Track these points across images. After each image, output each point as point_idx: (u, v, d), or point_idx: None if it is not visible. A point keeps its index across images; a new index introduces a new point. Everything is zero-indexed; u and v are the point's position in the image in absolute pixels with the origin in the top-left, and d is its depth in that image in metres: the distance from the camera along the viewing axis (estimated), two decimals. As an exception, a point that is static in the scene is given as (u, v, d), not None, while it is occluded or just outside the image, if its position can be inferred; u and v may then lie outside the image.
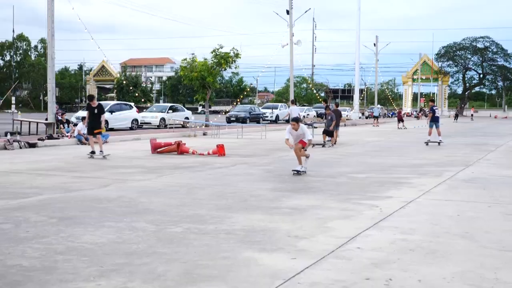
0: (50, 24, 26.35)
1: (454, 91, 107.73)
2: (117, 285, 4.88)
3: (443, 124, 28.34)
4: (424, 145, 22.61)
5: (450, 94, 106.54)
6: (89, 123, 16.78)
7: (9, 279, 5.00)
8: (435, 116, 23.70)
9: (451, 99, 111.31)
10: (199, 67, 36.65)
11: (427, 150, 20.63)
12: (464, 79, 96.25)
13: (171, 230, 7.01)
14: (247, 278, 5.13)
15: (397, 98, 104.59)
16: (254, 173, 13.02)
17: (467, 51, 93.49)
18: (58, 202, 9.02)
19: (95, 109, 16.65)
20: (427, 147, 21.84)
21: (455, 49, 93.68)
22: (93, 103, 16.77)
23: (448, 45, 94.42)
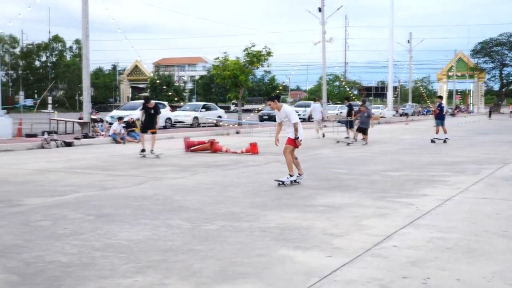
0: (85, 25, 26.69)
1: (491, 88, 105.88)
2: (153, 282, 4.91)
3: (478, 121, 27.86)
4: (460, 143, 22.31)
5: (486, 91, 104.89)
6: (144, 123, 17.00)
7: (48, 275, 5.08)
8: (441, 114, 23.39)
9: (488, 96, 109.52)
10: (231, 65, 36.76)
11: (463, 147, 20.33)
12: (501, 75, 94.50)
13: (206, 228, 7.04)
14: (282, 275, 5.12)
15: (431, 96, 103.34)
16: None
17: (504, 47, 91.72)
18: (94, 199, 9.14)
19: (151, 109, 16.88)
20: (463, 145, 21.54)
21: (492, 45, 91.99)
22: (150, 104, 17.03)
23: (484, 41, 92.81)
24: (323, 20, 44.65)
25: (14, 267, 5.33)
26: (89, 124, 26.10)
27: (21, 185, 10.77)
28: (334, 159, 16.14)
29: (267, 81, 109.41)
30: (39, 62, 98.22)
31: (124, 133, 23.31)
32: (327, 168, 13.58)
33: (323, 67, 46.40)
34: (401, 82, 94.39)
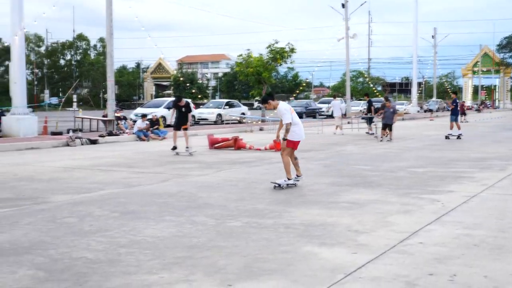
0: (109, 23, 26.87)
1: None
2: (179, 278, 4.93)
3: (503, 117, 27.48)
4: (486, 139, 22.06)
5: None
6: (177, 120, 17.10)
7: (75, 271, 5.13)
8: (456, 110, 23.12)
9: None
10: (254, 62, 36.71)
11: (489, 144, 20.10)
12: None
13: (230, 224, 7.05)
14: (307, 272, 5.11)
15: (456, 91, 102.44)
16: (311, 167, 12.96)
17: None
18: (120, 196, 9.20)
19: (183, 107, 17.00)
20: (489, 141, 21.30)
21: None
22: (181, 102, 17.16)
23: (510, 35, 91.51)
24: (346, 16, 44.42)
25: (41, 263, 5.39)
26: (113, 122, 26.31)
27: (47, 182, 10.89)
28: (359, 155, 16.06)
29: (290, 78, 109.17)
30: (63, 61, 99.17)
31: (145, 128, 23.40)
32: (352, 165, 13.52)
33: (346, 63, 46.18)
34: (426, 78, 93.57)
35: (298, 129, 10.20)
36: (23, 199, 9.03)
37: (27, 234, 6.58)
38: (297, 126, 10.17)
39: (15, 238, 6.38)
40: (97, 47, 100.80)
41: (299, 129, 10.26)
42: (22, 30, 24.00)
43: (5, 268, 5.21)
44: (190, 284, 4.78)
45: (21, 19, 23.68)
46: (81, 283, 4.80)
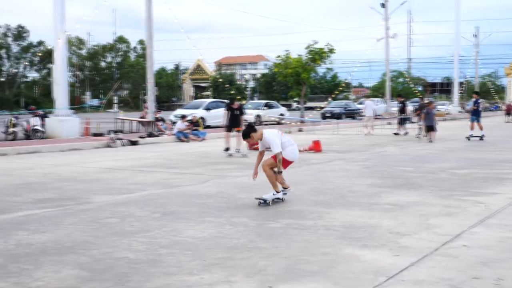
0: (148, 26, 27.18)
1: None
2: (219, 279, 4.93)
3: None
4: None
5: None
6: (229, 122, 17.11)
7: (117, 271, 5.18)
8: (477, 110, 22.64)
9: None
10: (293, 63, 36.62)
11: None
12: None
13: (270, 226, 7.03)
14: (349, 274, 5.06)
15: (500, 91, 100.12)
16: (351, 169, 12.86)
17: None
18: (160, 197, 9.27)
19: (236, 110, 16.99)
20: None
21: None
22: (234, 105, 17.16)
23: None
24: (386, 16, 44.03)
25: (84, 263, 5.46)
26: (152, 123, 26.57)
27: (89, 183, 11.05)
28: (400, 156, 15.86)
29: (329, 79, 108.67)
30: (104, 63, 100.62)
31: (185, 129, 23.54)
32: (393, 166, 13.36)
33: (386, 64, 45.76)
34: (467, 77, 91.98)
35: (293, 149, 8.93)
36: (66, 199, 9.17)
37: (70, 234, 6.67)
38: (293, 146, 8.95)
39: (59, 238, 6.48)
40: (137, 49, 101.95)
41: (295, 150, 8.99)
42: (65, 34, 24.44)
43: (49, 267, 5.30)
44: (230, 285, 4.78)
45: (63, 23, 24.12)
46: (123, 283, 4.85)
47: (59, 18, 23.91)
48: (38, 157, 16.50)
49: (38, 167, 13.96)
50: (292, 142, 9.04)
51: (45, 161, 15.38)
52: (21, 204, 8.72)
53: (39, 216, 7.79)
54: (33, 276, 5.07)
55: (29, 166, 14.16)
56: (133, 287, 4.76)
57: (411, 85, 74.73)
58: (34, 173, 12.63)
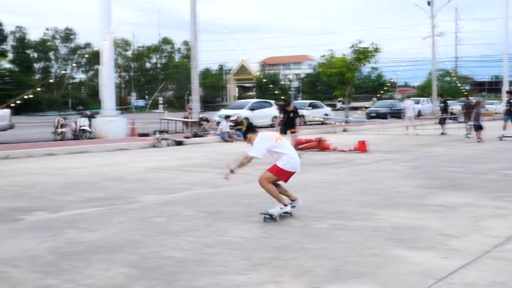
0: (193, 27, 27.38)
1: None
2: (267, 279, 4.93)
3: None
4: None
5: None
6: (284, 124, 17.11)
7: (165, 270, 5.23)
8: (510, 110, 21.98)
9: None
10: (337, 63, 36.36)
11: None
12: None
13: (317, 226, 7.00)
14: (397, 276, 4.99)
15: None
16: (398, 169, 12.70)
17: None
18: (206, 197, 9.33)
19: (291, 112, 16.95)
20: None
21: None
22: (290, 107, 17.14)
23: None
24: (432, 14, 43.37)
25: (133, 261, 5.53)
26: (198, 123, 26.77)
27: (137, 182, 11.20)
28: (448, 157, 15.60)
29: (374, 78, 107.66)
30: (149, 64, 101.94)
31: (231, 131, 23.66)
32: (441, 167, 13.14)
33: (432, 63, 45.07)
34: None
35: (291, 158, 7.80)
36: (114, 198, 9.32)
37: (119, 233, 6.77)
38: (289, 154, 7.81)
39: (108, 236, 6.59)
40: (182, 50, 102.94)
41: (294, 159, 7.83)
42: (111, 35, 24.85)
43: (99, 265, 5.39)
44: (278, 286, 4.78)
45: (109, 25, 24.53)
46: (171, 282, 4.89)
47: (105, 20, 24.32)
48: (86, 157, 16.81)
49: (87, 166, 14.22)
50: (288, 149, 7.89)
51: (93, 161, 15.66)
52: (71, 203, 8.90)
53: (88, 215, 7.94)
54: (84, 273, 5.16)
55: (78, 165, 14.43)
56: (181, 286, 4.80)
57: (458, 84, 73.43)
58: (83, 173, 12.87)
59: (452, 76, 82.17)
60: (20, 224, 7.44)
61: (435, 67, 46.74)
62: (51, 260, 5.63)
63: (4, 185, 11.01)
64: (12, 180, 11.81)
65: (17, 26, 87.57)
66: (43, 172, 13.08)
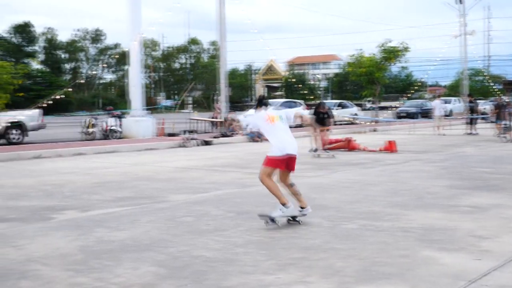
0: (221, 27, 27.45)
1: None
2: (295, 279, 4.91)
3: None
4: None
5: None
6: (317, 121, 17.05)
7: (194, 269, 5.24)
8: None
9: None
10: (366, 62, 36.14)
11: None
12: None
13: (346, 227, 6.95)
14: (427, 277, 4.93)
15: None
16: (428, 170, 12.56)
17: None
18: (235, 197, 9.34)
19: (324, 114, 16.88)
20: None
21: None
22: (323, 109, 17.07)
23: None
24: (463, 12, 42.85)
25: (162, 260, 5.55)
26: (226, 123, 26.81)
27: (165, 182, 11.25)
28: (479, 157, 15.38)
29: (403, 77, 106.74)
30: (178, 64, 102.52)
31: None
32: (472, 167, 12.96)
33: (463, 62, 44.53)
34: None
35: (276, 142, 7.33)
36: (143, 198, 9.38)
37: (148, 232, 6.81)
38: (275, 138, 7.36)
39: (137, 235, 6.63)
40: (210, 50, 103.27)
41: (279, 142, 7.32)
42: (139, 36, 25.03)
43: (128, 264, 5.42)
44: (307, 286, 4.75)
45: (138, 26, 24.72)
46: (200, 281, 4.90)
47: (134, 21, 24.51)
48: (115, 157, 16.96)
49: (116, 166, 14.35)
50: (276, 134, 7.36)
51: (122, 160, 15.79)
52: (100, 202, 8.98)
53: (118, 214, 8.00)
54: (114, 272, 5.19)
55: (107, 165, 14.57)
56: (210, 285, 4.80)
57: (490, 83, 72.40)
58: (112, 172, 12.98)
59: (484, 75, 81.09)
60: (51, 223, 7.53)
61: (466, 66, 46.15)
62: (81, 258, 5.68)
63: (36, 184, 11.16)
64: (44, 179, 11.97)
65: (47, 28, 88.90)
66: (73, 172, 13.23)
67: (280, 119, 7.48)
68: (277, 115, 7.53)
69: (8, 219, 7.80)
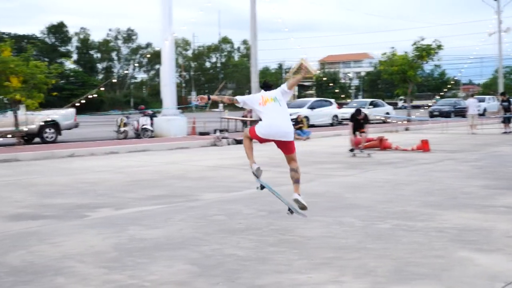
0: (253, 26, 27.47)
1: None
2: (329, 279, 4.88)
3: None
4: None
5: None
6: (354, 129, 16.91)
7: (227, 267, 5.25)
8: None
9: None
10: (399, 60, 35.77)
11: None
12: None
13: (378, 226, 6.90)
14: (463, 278, 4.86)
15: None
16: (462, 169, 12.38)
17: None
18: (267, 196, 9.29)
19: (361, 120, 16.77)
20: None
21: None
22: (360, 116, 16.99)
23: None
24: (498, 9, 42.18)
25: (195, 258, 5.58)
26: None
27: (197, 180, 11.30)
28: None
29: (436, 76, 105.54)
30: (209, 63, 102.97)
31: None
32: (507, 167, 12.74)
33: (499, 59, 43.84)
34: None
35: (263, 123, 7.47)
36: (176, 196, 9.43)
37: (181, 230, 6.84)
38: (263, 119, 7.47)
39: (170, 234, 6.67)
40: (241, 49, 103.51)
41: (265, 124, 7.42)
42: (172, 35, 25.17)
43: (162, 262, 5.45)
44: (340, 285, 4.72)
45: (170, 25, 24.86)
46: (233, 280, 4.90)
47: (166, 20, 24.67)
48: (147, 155, 17.10)
49: (149, 165, 14.46)
50: (266, 115, 7.35)
51: (155, 159, 15.91)
52: (134, 200, 9.06)
53: (151, 212, 8.06)
54: (148, 269, 5.23)
55: (140, 164, 14.70)
56: (242, 283, 4.81)
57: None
58: (145, 171, 13.09)
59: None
60: (86, 221, 7.62)
61: (501, 64, 45.42)
62: (115, 256, 5.74)
63: (70, 183, 11.31)
64: (77, 177, 12.12)
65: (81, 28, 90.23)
66: (106, 170, 13.38)
67: (275, 100, 7.36)
68: (272, 96, 7.42)
69: (44, 217, 7.91)
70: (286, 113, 7.40)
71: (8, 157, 16.18)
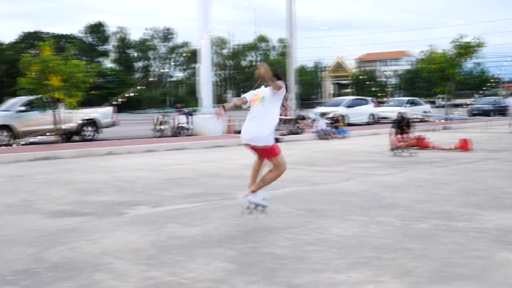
0: (290, 24, 27.42)
1: None
2: (366, 278, 4.84)
3: None
4: None
5: None
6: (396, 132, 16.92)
7: (264, 266, 5.24)
8: None
9: None
10: (438, 58, 35.25)
11: None
12: None
13: (417, 226, 6.80)
14: (505, 280, 4.76)
15: None
16: (504, 169, 12.14)
17: None
18: (303, 194, 9.30)
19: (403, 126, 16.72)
20: None
21: None
22: (404, 122, 16.94)
23: None
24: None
25: (232, 256, 5.58)
26: (294, 121, 26.77)
27: (234, 179, 11.32)
28: (556, 156, 14.78)
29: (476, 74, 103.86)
30: (245, 62, 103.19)
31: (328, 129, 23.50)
32: (549, 166, 12.46)
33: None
34: None
35: (246, 123, 7.23)
36: (213, 194, 9.47)
37: (217, 228, 6.86)
38: (250, 120, 7.17)
39: (207, 231, 6.69)
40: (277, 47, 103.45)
41: (245, 125, 7.22)
42: (209, 34, 25.30)
43: (200, 260, 5.48)
44: (378, 285, 4.67)
45: (208, 24, 24.99)
46: (270, 278, 4.89)
47: (204, 19, 24.80)
48: (184, 154, 17.21)
49: (186, 163, 14.56)
50: (249, 116, 7.09)
51: (192, 157, 16.00)
52: (171, 198, 9.12)
53: (188, 210, 8.11)
54: (186, 267, 5.26)
55: (177, 162, 14.80)
56: (280, 282, 4.79)
57: None
58: (182, 169, 13.18)
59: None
60: (124, 218, 7.70)
61: (544, 62, 44.47)
62: (153, 253, 5.78)
63: (109, 180, 11.45)
64: (116, 175, 12.26)
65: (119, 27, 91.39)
66: (144, 168, 13.50)
67: (262, 100, 7.02)
68: (261, 96, 7.09)
69: (83, 214, 8.03)
70: (265, 116, 6.96)
71: (48, 154, 16.47)
